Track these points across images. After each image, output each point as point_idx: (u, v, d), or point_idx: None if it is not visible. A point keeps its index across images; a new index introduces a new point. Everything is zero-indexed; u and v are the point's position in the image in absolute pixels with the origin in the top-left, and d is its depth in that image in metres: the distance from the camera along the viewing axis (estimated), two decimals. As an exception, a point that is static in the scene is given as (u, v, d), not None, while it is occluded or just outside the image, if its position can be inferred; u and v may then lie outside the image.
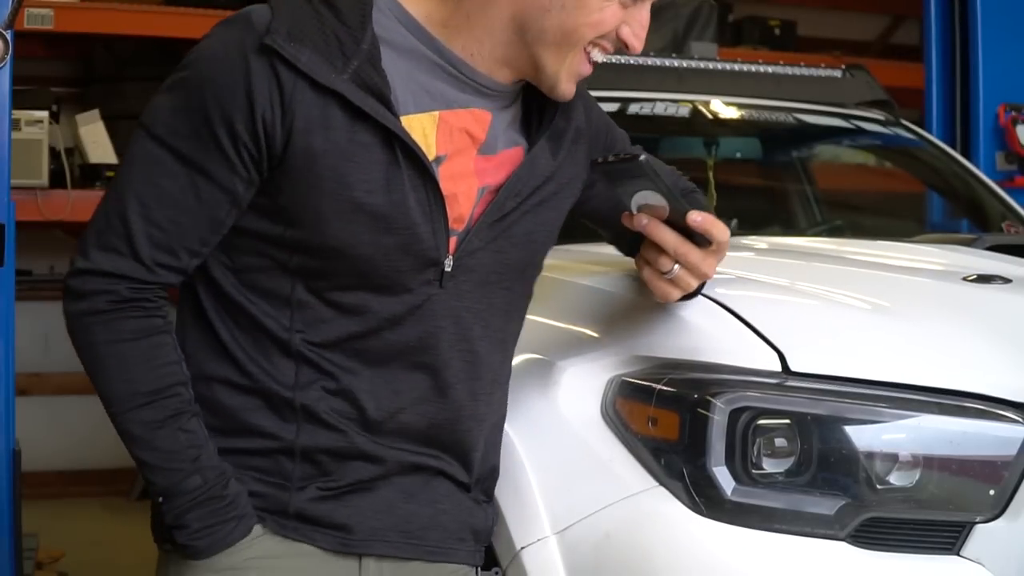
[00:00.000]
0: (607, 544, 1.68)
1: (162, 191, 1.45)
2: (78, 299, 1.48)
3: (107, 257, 1.46)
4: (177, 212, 1.46)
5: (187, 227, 1.47)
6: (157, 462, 1.50)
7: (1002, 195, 3.42)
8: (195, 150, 1.44)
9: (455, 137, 1.54)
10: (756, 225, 3.43)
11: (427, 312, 1.55)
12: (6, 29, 2.66)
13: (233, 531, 1.51)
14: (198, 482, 1.49)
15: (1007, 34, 4.43)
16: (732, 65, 3.48)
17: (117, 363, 1.48)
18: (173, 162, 1.45)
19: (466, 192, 1.56)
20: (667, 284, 1.63)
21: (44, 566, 4.54)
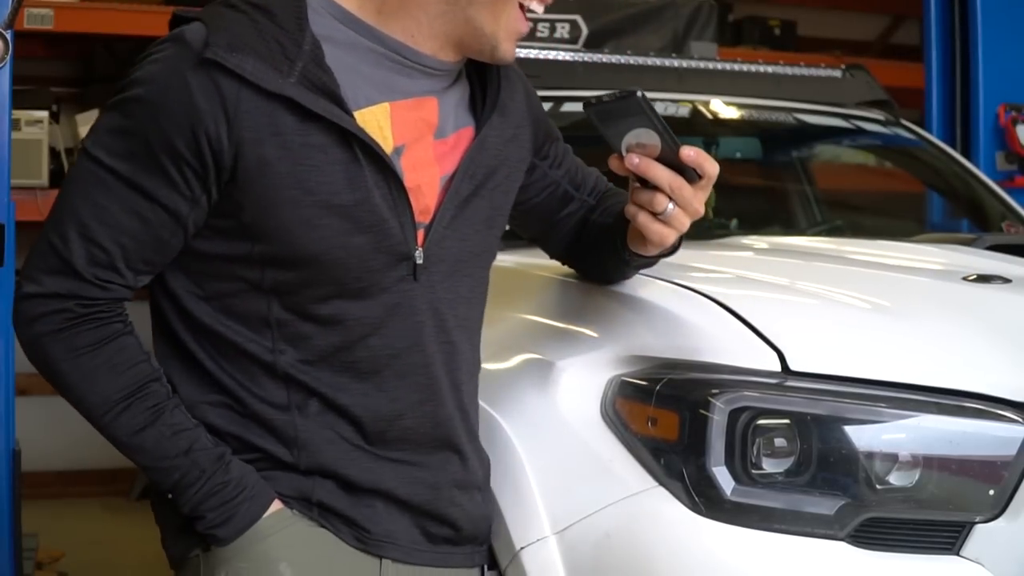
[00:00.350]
0: (607, 544, 1.68)
1: (103, 212, 1.44)
2: (30, 323, 1.48)
3: (53, 279, 1.46)
4: (118, 233, 1.45)
5: (130, 248, 1.46)
6: (151, 463, 1.49)
7: (1002, 195, 3.42)
8: (135, 171, 1.43)
9: (410, 125, 1.53)
10: (756, 225, 3.43)
11: (406, 309, 1.54)
12: (6, 29, 2.66)
13: (248, 511, 1.50)
14: (197, 473, 1.48)
15: (1007, 34, 4.43)
16: (732, 65, 3.48)
17: (82, 376, 1.47)
18: (114, 182, 1.44)
19: (429, 182, 1.55)
20: (663, 226, 1.62)
21: (44, 566, 4.54)
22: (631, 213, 1.64)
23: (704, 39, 4.44)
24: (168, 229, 1.46)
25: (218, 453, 1.50)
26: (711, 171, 1.59)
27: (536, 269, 2.21)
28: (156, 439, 1.48)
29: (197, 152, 1.41)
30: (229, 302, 1.50)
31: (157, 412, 1.48)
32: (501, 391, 1.93)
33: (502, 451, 1.83)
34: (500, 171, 1.64)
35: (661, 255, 1.76)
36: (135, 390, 1.47)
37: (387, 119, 1.51)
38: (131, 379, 1.48)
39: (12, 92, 2.84)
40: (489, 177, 1.62)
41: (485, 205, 1.61)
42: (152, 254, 1.47)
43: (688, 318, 1.79)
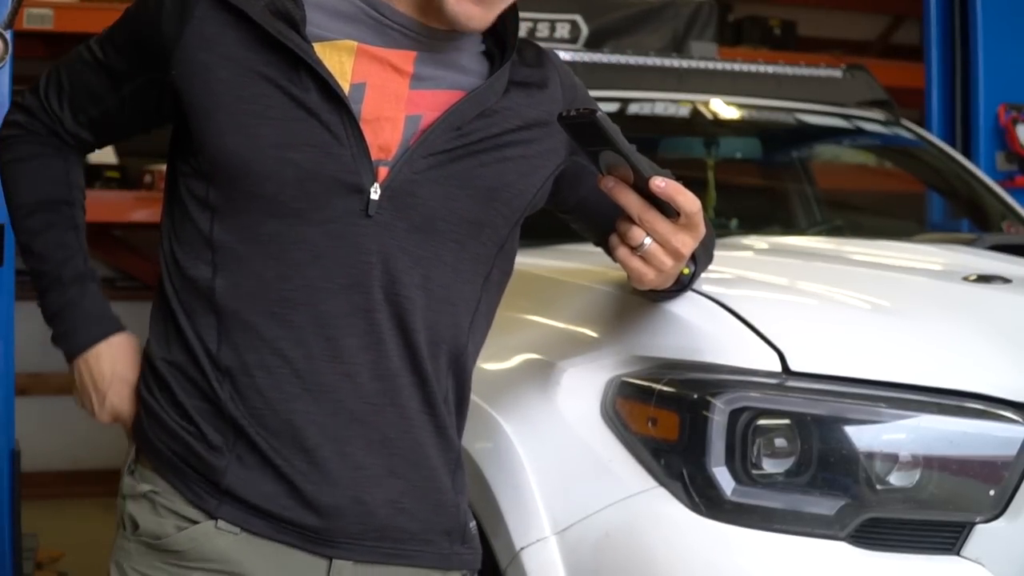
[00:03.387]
0: (607, 544, 1.68)
1: (71, 68, 1.65)
2: (5, 126, 1.69)
3: (24, 100, 1.68)
4: (71, 79, 1.64)
5: (73, 93, 1.64)
6: (35, 265, 1.64)
7: (1002, 195, 3.42)
8: (102, 44, 1.61)
9: (375, 67, 1.51)
10: (756, 225, 3.43)
11: (351, 245, 1.46)
12: (6, 29, 2.66)
13: (88, 333, 1.63)
14: (58, 285, 1.63)
15: (1007, 34, 4.43)
16: (732, 65, 3.48)
17: (11, 180, 1.67)
18: (86, 52, 1.63)
19: (391, 118, 1.50)
20: (640, 262, 1.49)
21: (44, 566, 4.54)
22: (612, 244, 1.53)
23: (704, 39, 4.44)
24: (103, 85, 1.62)
25: (83, 273, 1.64)
26: (687, 207, 1.45)
27: (536, 269, 2.21)
28: (43, 245, 1.64)
29: (143, 37, 1.54)
30: (183, 227, 1.52)
31: (50, 225, 1.64)
32: (501, 391, 1.93)
33: (502, 451, 1.83)
34: (514, 147, 1.56)
35: (671, 291, 1.66)
36: (45, 202, 1.65)
37: (351, 56, 1.50)
38: (46, 193, 1.65)
39: (12, 92, 2.83)
40: (497, 146, 1.54)
41: (490, 173, 1.52)
42: (87, 102, 1.64)
43: (688, 318, 1.79)
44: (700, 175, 3.48)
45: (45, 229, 1.65)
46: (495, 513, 1.80)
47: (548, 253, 2.45)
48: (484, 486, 1.83)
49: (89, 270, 1.65)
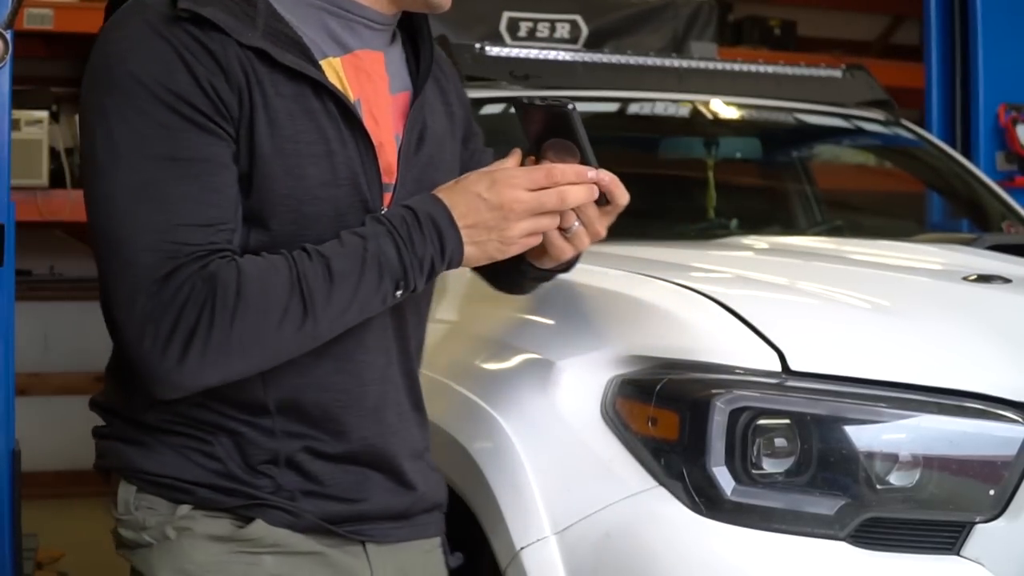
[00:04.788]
0: (607, 544, 1.68)
1: (170, 201, 1.35)
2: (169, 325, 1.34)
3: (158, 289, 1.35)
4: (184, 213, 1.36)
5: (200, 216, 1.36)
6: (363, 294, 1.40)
7: (1002, 195, 3.42)
8: (173, 142, 1.35)
9: (363, 79, 1.51)
10: (756, 225, 3.43)
11: None
12: (6, 29, 2.65)
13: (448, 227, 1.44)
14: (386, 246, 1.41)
15: (1007, 34, 4.43)
16: (732, 65, 3.48)
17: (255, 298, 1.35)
18: (164, 168, 1.35)
19: (388, 139, 1.51)
20: (565, 242, 1.53)
21: (44, 566, 4.54)
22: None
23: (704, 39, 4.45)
24: (231, 180, 1.38)
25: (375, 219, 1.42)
26: (620, 200, 1.52)
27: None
28: (343, 282, 1.39)
29: (205, 95, 1.36)
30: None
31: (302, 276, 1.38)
32: (501, 391, 1.93)
33: (502, 451, 1.83)
34: (445, 148, 1.61)
35: (557, 270, 1.70)
36: (294, 281, 1.37)
37: (343, 73, 1.48)
38: (283, 280, 1.37)
39: (12, 92, 2.83)
40: (439, 150, 1.59)
41: (440, 180, 1.54)
42: (222, 212, 1.37)
43: (688, 318, 1.79)
44: (700, 175, 3.48)
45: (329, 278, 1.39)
46: (495, 513, 1.80)
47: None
48: (484, 486, 1.83)
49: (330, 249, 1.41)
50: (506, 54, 3.22)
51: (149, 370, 1.35)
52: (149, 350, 1.34)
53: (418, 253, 1.42)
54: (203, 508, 1.45)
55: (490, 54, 3.18)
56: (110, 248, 1.36)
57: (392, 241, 1.40)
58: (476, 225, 1.44)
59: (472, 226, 1.44)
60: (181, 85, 1.35)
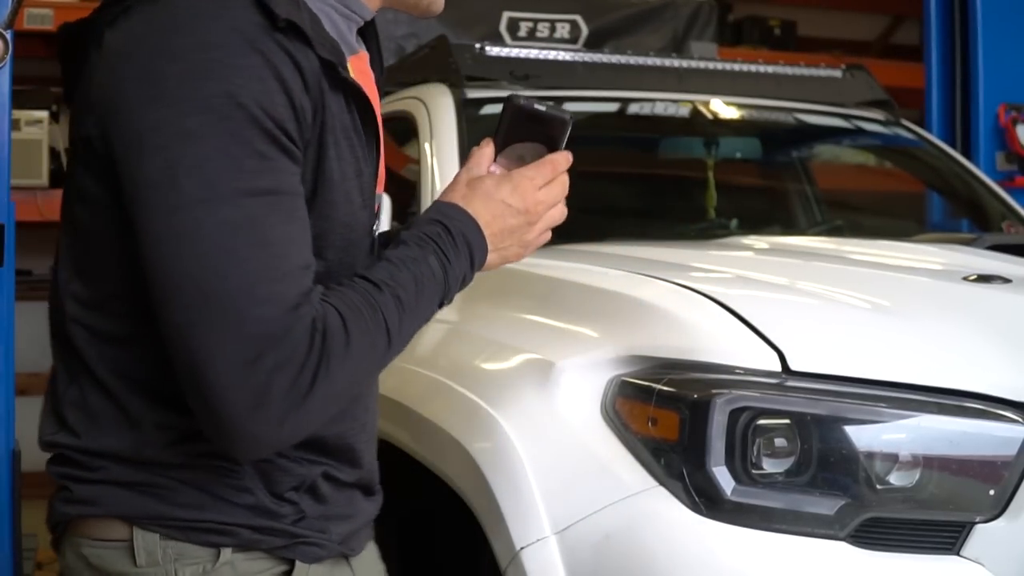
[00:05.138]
0: (607, 544, 1.68)
1: (276, 244, 1.20)
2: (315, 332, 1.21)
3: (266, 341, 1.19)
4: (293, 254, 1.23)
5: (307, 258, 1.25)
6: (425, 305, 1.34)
7: (1002, 195, 3.42)
8: (271, 174, 1.21)
9: (368, 84, 1.43)
10: (756, 225, 3.43)
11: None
12: (6, 29, 2.65)
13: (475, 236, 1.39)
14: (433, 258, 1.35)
15: (1007, 34, 4.43)
16: (732, 65, 3.48)
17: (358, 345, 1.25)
18: (266, 204, 1.20)
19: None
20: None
21: (44, 566, 4.53)
22: None
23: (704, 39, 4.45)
24: (305, 211, 1.27)
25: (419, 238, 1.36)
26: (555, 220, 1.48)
27: (536, 269, 2.21)
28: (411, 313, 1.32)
29: (296, 119, 1.24)
30: None
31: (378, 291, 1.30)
32: (501, 391, 1.93)
33: (502, 451, 1.83)
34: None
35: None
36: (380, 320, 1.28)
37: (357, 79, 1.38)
38: (372, 320, 1.27)
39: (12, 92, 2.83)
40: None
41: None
42: (311, 249, 1.26)
43: (688, 318, 1.79)
44: (700, 175, 3.48)
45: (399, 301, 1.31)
46: (495, 513, 1.79)
47: (548, 253, 2.46)
48: (484, 486, 1.83)
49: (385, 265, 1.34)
50: (506, 54, 3.22)
51: (240, 431, 1.19)
52: (248, 411, 1.17)
53: (456, 270, 1.37)
54: (245, 550, 1.33)
55: (490, 54, 3.18)
56: (202, 296, 1.17)
57: (439, 261, 1.35)
58: (501, 232, 1.42)
59: (497, 234, 1.41)
60: (279, 109, 1.21)
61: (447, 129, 2.89)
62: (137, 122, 1.20)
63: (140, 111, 1.20)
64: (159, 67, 1.20)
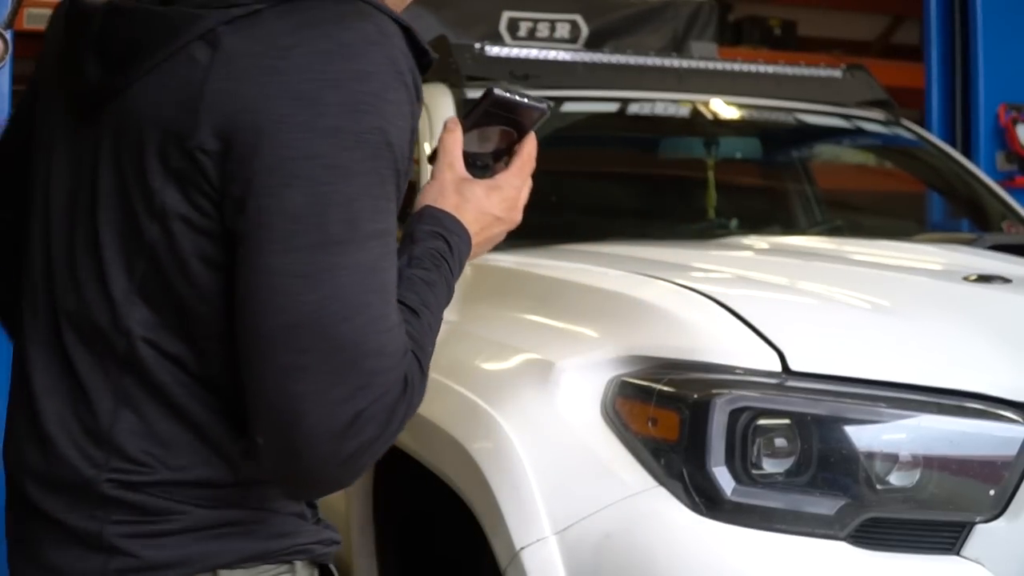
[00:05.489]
0: (607, 544, 1.68)
1: (389, 291, 1.15)
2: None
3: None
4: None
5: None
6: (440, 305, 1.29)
7: (1002, 195, 3.42)
8: (389, 216, 1.15)
9: None
10: (756, 225, 3.43)
11: None
12: (6, 29, 2.66)
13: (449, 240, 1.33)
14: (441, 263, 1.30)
15: (1007, 34, 4.43)
16: (732, 65, 3.48)
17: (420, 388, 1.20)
18: (382, 247, 1.14)
19: None
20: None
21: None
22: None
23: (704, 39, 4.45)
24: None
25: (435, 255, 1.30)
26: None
27: (536, 269, 2.21)
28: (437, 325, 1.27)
29: (408, 154, 1.18)
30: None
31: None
32: (501, 391, 1.93)
33: (502, 451, 1.82)
34: None
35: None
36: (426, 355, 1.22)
37: None
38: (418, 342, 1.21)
39: (12, 92, 2.83)
40: None
41: None
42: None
43: (688, 318, 1.79)
44: (700, 175, 3.48)
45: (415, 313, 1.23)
46: (495, 513, 1.79)
47: (548, 253, 2.45)
48: (484, 486, 1.83)
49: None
50: (506, 54, 3.22)
51: (321, 478, 1.15)
52: (340, 460, 1.12)
53: (454, 283, 1.33)
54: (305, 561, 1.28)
55: (490, 54, 3.18)
56: (320, 340, 1.10)
57: (446, 281, 1.30)
58: (484, 241, 1.40)
59: (481, 243, 1.39)
60: (407, 147, 1.16)
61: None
62: (285, 147, 1.10)
63: (292, 135, 1.10)
64: (318, 92, 1.10)
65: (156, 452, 1.18)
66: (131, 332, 1.18)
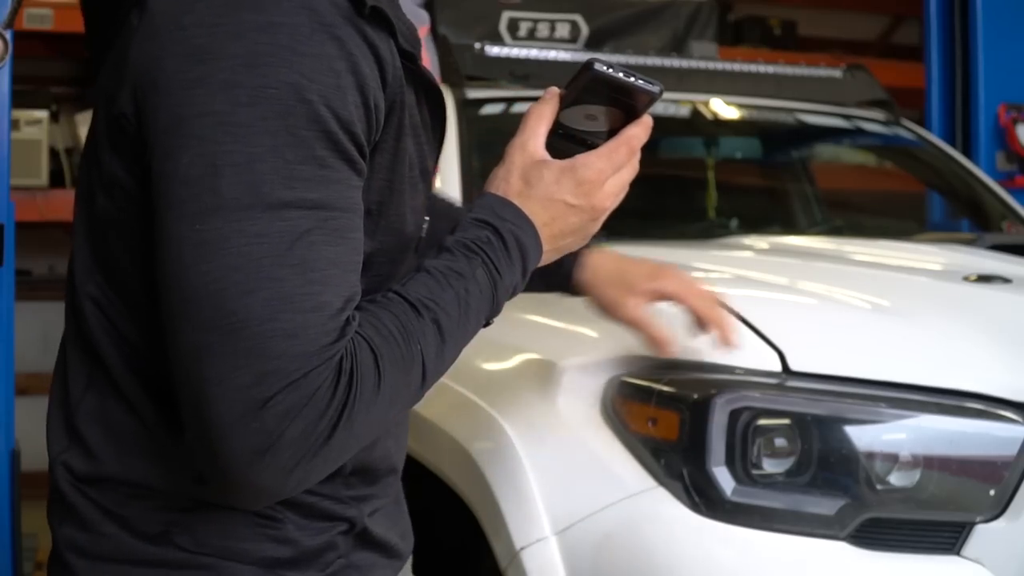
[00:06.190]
0: (607, 544, 1.68)
1: (316, 268, 1.02)
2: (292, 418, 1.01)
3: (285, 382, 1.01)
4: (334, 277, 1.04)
5: (349, 285, 1.06)
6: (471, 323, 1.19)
7: (1002, 195, 3.42)
8: (325, 185, 1.03)
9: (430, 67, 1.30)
10: (756, 225, 3.43)
11: None
12: (6, 29, 2.65)
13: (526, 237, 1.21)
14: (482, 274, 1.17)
15: (1007, 34, 4.43)
16: (732, 65, 3.48)
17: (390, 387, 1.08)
18: (312, 220, 1.02)
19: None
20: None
21: (44, 566, 4.54)
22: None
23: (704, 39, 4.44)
24: (360, 232, 1.09)
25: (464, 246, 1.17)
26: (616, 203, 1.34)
27: (536, 269, 2.21)
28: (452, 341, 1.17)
29: (367, 122, 1.07)
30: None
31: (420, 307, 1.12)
32: (501, 391, 1.93)
33: (502, 451, 1.82)
34: None
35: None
36: (415, 354, 1.11)
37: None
38: (408, 356, 1.10)
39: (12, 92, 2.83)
40: None
41: None
42: (358, 277, 1.08)
43: (688, 318, 1.79)
44: (700, 175, 3.48)
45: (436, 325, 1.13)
46: (495, 513, 1.79)
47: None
48: (484, 486, 1.83)
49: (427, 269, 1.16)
50: (506, 54, 3.22)
51: (238, 477, 1.01)
52: (251, 456, 1.00)
53: (506, 283, 1.19)
54: None
55: (490, 54, 3.18)
56: (220, 316, 0.99)
57: (487, 273, 1.17)
58: (560, 233, 1.24)
59: (556, 234, 1.23)
60: (350, 110, 1.04)
61: (447, 129, 2.89)
62: (179, 105, 1.01)
63: (185, 93, 1.01)
64: (216, 44, 1.01)
65: (104, 442, 1.13)
66: (83, 309, 1.15)
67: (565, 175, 1.22)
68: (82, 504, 1.14)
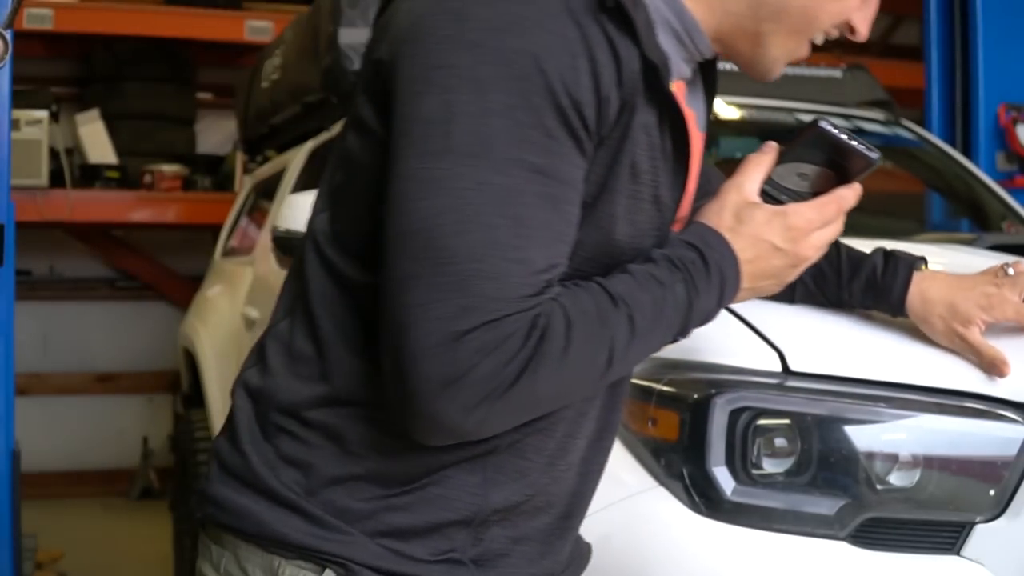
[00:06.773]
0: (607, 544, 1.67)
1: (530, 226, 1.10)
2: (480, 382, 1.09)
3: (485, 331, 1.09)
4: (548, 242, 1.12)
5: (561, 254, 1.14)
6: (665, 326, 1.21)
7: (1002, 195, 3.42)
8: (550, 154, 1.11)
9: (690, 114, 1.31)
10: (756, 225, 3.42)
11: None
12: (6, 29, 2.65)
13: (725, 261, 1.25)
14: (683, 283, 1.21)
15: (1007, 34, 4.43)
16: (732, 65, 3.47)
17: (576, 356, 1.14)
18: (534, 182, 1.10)
19: (692, 186, 1.35)
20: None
21: (44, 566, 4.54)
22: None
23: (704, 39, 4.45)
24: (577, 210, 1.16)
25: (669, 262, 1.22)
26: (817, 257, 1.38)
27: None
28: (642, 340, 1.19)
29: (598, 110, 1.14)
30: None
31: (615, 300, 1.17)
32: (501, 391, 1.92)
33: (502, 451, 1.82)
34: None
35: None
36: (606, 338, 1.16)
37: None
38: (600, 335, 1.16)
39: (12, 92, 2.84)
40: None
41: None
42: (566, 249, 1.16)
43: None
44: (700, 175, 3.48)
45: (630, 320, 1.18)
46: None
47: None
48: (484, 486, 1.83)
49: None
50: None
51: (424, 406, 1.09)
52: (439, 386, 1.08)
53: (702, 305, 1.24)
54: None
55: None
56: (432, 250, 1.08)
57: (686, 290, 1.21)
58: (760, 272, 1.28)
59: (755, 273, 1.28)
60: (583, 92, 1.11)
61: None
62: (428, 55, 1.11)
63: (436, 45, 1.11)
64: (471, 8, 1.11)
65: (284, 365, 1.23)
66: (311, 235, 1.25)
67: (776, 218, 1.28)
68: (238, 414, 1.25)
